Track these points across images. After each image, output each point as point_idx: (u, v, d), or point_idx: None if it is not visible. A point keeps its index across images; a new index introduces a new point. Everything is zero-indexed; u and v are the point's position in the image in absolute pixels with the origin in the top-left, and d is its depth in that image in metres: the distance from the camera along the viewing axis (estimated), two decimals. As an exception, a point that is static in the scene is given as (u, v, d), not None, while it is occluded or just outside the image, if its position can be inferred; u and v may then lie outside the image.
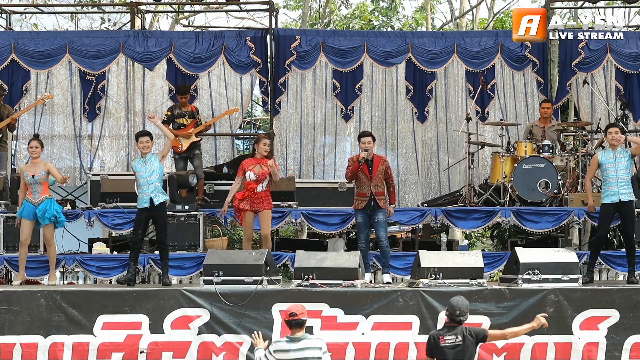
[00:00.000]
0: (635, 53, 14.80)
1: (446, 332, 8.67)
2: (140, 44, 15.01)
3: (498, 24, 25.21)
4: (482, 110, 14.91)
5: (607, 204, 11.46)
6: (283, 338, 8.58)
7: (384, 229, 11.70)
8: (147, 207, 11.43)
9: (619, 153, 11.46)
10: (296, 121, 15.12)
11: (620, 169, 11.42)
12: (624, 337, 10.64)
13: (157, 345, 10.69)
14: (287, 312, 8.50)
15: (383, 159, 11.87)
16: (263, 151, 11.87)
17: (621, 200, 11.39)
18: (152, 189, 11.44)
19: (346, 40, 15.14)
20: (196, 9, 19.75)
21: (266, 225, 11.88)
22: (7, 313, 10.70)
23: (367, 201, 11.63)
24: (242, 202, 11.77)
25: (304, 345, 8.37)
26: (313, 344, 8.41)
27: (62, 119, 15.11)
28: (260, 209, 11.82)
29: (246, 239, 11.96)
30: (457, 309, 8.74)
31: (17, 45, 14.92)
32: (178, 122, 13.79)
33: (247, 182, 11.74)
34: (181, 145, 13.74)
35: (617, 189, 11.39)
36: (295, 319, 8.42)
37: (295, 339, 8.41)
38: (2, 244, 12.74)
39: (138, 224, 11.58)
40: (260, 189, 11.79)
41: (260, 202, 11.81)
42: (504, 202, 13.22)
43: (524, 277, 10.84)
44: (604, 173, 11.54)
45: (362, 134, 11.88)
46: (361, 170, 11.62)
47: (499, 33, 15.87)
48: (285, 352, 8.36)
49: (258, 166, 11.78)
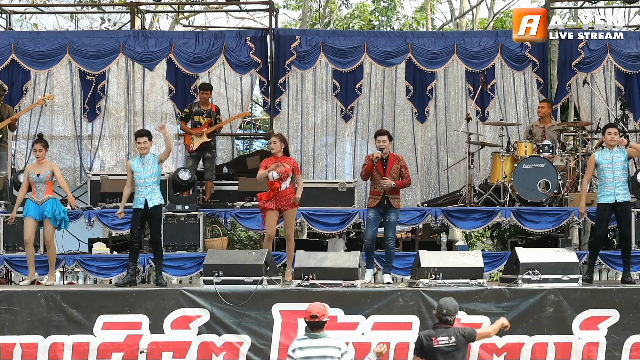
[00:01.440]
0: (635, 53, 14.80)
1: (439, 333, 8.64)
2: (140, 44, 15.01)
3: (498, 24, 25.21)
4: (482, 110, 14.90)
5: (603, 204, 11.45)
6: (303, 335, 8.52)
7: (393, 230, 11.72)
8: (142, 208, 11.38)
9: (616, 153, 11.46)
10: (296, 121, 15.12)
11: (617, 170, 11.42)
12: (624, 337, 10.64)
13: (157, 345, 10.69)
14: (308, 312, 8.42)
15: (399, 158, 11.82)
16: (271, 149, 11.88)
17: (617, 201, 11.40)
18: (149, 190, 11.37)
19: (346, 40, 15.15)
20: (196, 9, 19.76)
21: (290, 225, 11.82)
22: (7, 313, 10.70)
23: (379, 199, 11.59)
24: (268, 202, 11.68)
25: (323, 344, 8.34)
26: (332, 343, 8.38)
27: (62, 119, 15.11)
28: (285, 208, 11.72)
29: (267, 238, 11.83)
30: (444, 308, 8.68)
31: (17, 45, 14.92)
32: (195, 119, 13.82)
33: (270, 182, 11.65)
34: (193, 144, 13.76)
35: (614, 189, 11.39)
36: (316, 320, 8.39)
37: (316, 336, 8.38)
38: (2, 244, 12.74)
39: (134, 224, 11.51)
40: (284, 187, 11.70)
41: (286, 201, 11.69)
42: (504, 202, 13.22)
43: (524, 277, 10.83)
44: (600, 173, 11.53)
45: (378, 133, 11.84)
46: (376, 168, 11.57)
47: (499, 33, 15.87)
48: (306, 349, 8.33)
49: (279, 164, 11.73)
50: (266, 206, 11.70)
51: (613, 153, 11.46)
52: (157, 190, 11.45)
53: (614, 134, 11.51)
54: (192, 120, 13.86)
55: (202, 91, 13.90)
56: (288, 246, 11.93)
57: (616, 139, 11.47)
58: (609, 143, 11.50)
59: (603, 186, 11.46)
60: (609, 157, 11.44)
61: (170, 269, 12.46)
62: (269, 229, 11.79)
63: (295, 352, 8.33)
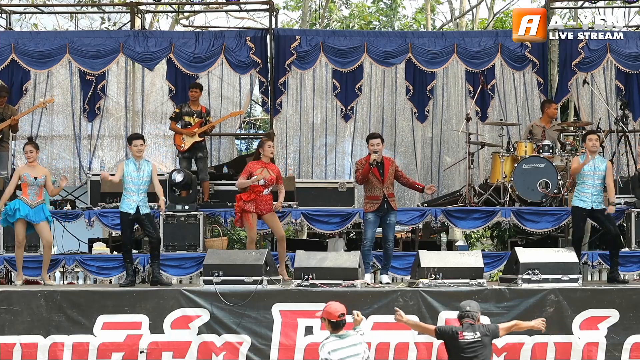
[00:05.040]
0: (635, 53, 14.80)
1: (465, 328, 8.67)
2: (140, 44, 15.00)
3: (498, 24, 25.19)
4: (482, 110, 14.90)
5: (579, 208, 11.55)
6: (330, 337, 8.45)
7: (393, 231, 11.74)
8: (133, 212, 11.29)
9: (597, 161, 11.56)
10: (296, 121, 15.11)
11: (597, 178, 11.54)
12: (624, 337, 10.65)
13: (157, 345, 10.69)
14: (334, 312, 8.31)
15: (391, 160, 11.85)
16: (269, 153, 11.83)
17: (593, 208, 11.50)
18: (141, 197, 11.32)
19: (346, 40, 15.13)
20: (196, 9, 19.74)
21: (278, 226, 11.92)
22: (7, 313, 10.71)
23: (379, 204, 11.58)
24: (248, 204, 11.70)
25: (352, 342, 8.32)
26: (358, 339, 8.34)
27: (62, 119, 15.11)
28: (264, 212, 11.80)
29: (250, 241, 11.87)
30: (467, 305, 8.77)
31: (17, 45, 14.90)
32: (185, 120, 13.81)
33: (254, 185, 11.70)
34: (184, 144, 13.74)
35: (591, 197, 11.50)
36: (343, 319, 8.37)
37: (343, 335, 8.36)
38: (2, 244, 12.74)
39: (124, 228, 11.42)
40: (266, 193, 11.79)
41: (265, 205, 11.79)
42: (504, 202, 13.22)
43: (524, 277, 10.84)
44: (580, 179, 11.59)
45: (371, 136, 11.79)
46: (372, 173, 11.55)
47: (499, 33, 15.86)
48: (340, 350, 8.30)
49: (266, 171, 11.74)
50: (246, 208, 11.70)
51: (595, 161, 11.52)
52: (146, 198, 11.43)
53: (596, 140, 11.56)
54: (182, 120, 13.84)
55: (192, 89, 13.91)
56: (280, 246, 11.96)
57: (597, 145, 11.54)
58: (591, 150, 11.54)
59: (581, 191, 11.55)
60: (592, 164, 11.51)
61: (170, 268, 12.46)
62: (251, 232, 11.82)
63: (332, 354, 8.27)
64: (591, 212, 11.55)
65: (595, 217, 11.69)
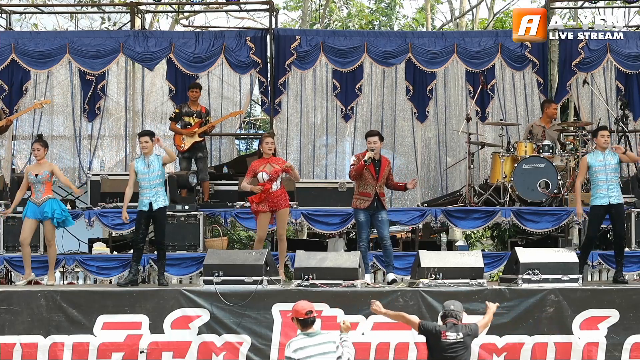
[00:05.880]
0: (635, 53, 14.80)
1: (448, 328, 8.65)
2: (140, 44, 15.01)
3: (498, 24, 25.20)
4: (482, 110, 14.90)
5: (597, 207, 11.47)
6: (298, 335, 8.50)
7: (387, 228, 11.68)
8: (146, 210, 11.38)
9: (608, 156, 11.48)
10: (296, 121, 15.12)
11: (610, 172, 11.44)
12: (624, 337, 10.64)
13: (157, 345, 10.69)
14: (301, 310, 8.40)
15: (388, 161, 11.83)
16: (267, 149, 11.80)
17: (611, 203, 11.42)
18: (154, 193, 11.37)
19: (346, 40, 15.14)
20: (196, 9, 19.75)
21: (282, 225, 11.83)
22: (7, 313, 10.71)
23: (370, 201, 11.58)
24: (260, 205, 11.67)
25: (320, 340, 8.34)
26: (327, 338, 8.37)
27: (62, 119, 15.12)
28: (277, 208, 11.72)
29: (258, 240, 11.86)
30: (451, 304, 8.70)
31: (17, 45, 14.91)
32: (185, 120, 13.82)
33: (261, 183, 11.65)
34: (184, 144, 13.75)
35: (607, 192, 11.41)
36: (311, 316, 8.39)
37: (312, 334, 8.38)
38: (2, 244, 12.74)
39: (138, 225, 11.52)
40: (275, 188, 11.69)
41: (278, 201, 11.71)
42: (504, 202, 13.22)
43: (524, 277, 10.83)
44: (593, 176, 11.52)
45: (369, 133, 11.78)
46: (367, 169, 11.54)
47: (499, 33, 15.87)
48: (307, 348, 8.32)
49: (268, 165, 11.70)
50: (259, 209, 11.69)
51: (605, 155, 11.47)
52: (162, 192, 11.46)
53: (607, 136, 11.54)
54: (182, 120, 13.85)
55: (191, 90, 13.91)
56: (280, 247, 11.93)
57: (609, 141, 11.50)
58: (602, 145, 11.51)
59: (596, 189, 11.47)
60: (602, 159, 11.46)
61: (170, 268, 12.45)
62: (260, 231, 11.81)
63: (297, 352, 8.31)
64: (609, 208, 11.43)
65: (610, 214, 11.53)
